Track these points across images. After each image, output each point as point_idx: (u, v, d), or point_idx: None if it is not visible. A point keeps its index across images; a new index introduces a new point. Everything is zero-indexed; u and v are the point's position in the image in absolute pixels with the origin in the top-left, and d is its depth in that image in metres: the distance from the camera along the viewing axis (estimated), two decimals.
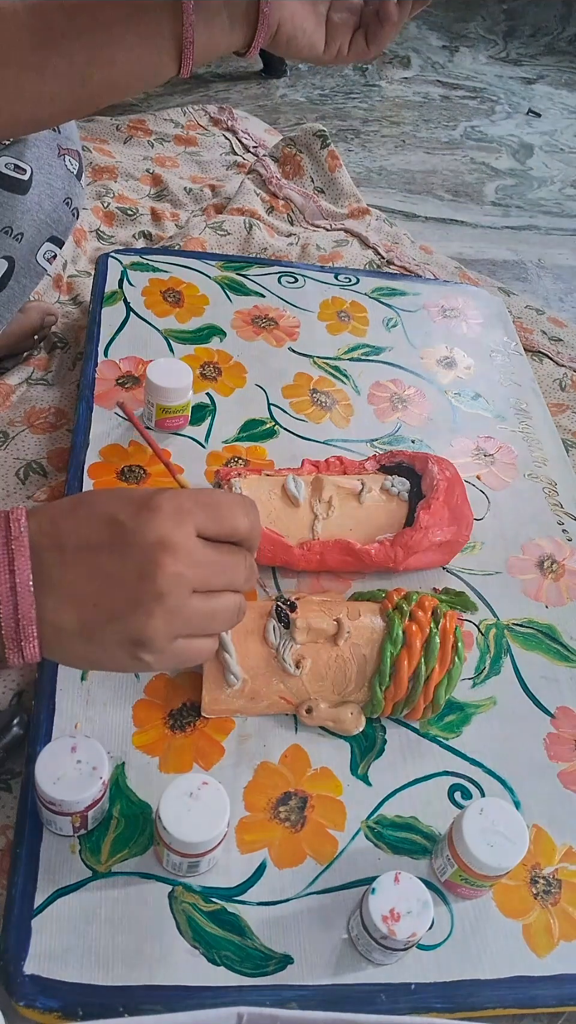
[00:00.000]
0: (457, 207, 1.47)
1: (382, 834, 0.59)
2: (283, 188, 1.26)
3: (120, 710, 0.61)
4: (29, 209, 0.72)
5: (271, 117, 1.60)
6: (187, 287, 0.97)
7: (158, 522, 0.42)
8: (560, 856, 0.60)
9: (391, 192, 1.47)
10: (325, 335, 0.96)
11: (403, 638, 0.61)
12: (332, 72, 1.82)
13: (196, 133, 1.45)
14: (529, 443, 0.90)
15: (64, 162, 0.76)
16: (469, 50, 2.02)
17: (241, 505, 0.47)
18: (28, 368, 0.91)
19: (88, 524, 0.43)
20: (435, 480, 0.72)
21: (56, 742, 0.53)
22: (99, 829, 0.56)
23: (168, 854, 0.52)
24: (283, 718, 0.63)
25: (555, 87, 1.93)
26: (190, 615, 0.44)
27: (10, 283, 0.74)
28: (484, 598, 0.74)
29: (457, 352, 0.99)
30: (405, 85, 1.84)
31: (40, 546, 0.42)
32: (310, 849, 0.57)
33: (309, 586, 0.72)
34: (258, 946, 0.53)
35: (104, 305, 0.92)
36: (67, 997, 0.49)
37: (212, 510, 0.45)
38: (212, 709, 0.61)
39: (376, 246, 1.21)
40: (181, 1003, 0.50)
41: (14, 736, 0.60)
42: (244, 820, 0.58)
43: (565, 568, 0.79)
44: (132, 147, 1.37)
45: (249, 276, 1.01)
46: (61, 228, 0.76)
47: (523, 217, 1.47)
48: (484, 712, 0.67)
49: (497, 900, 0.57)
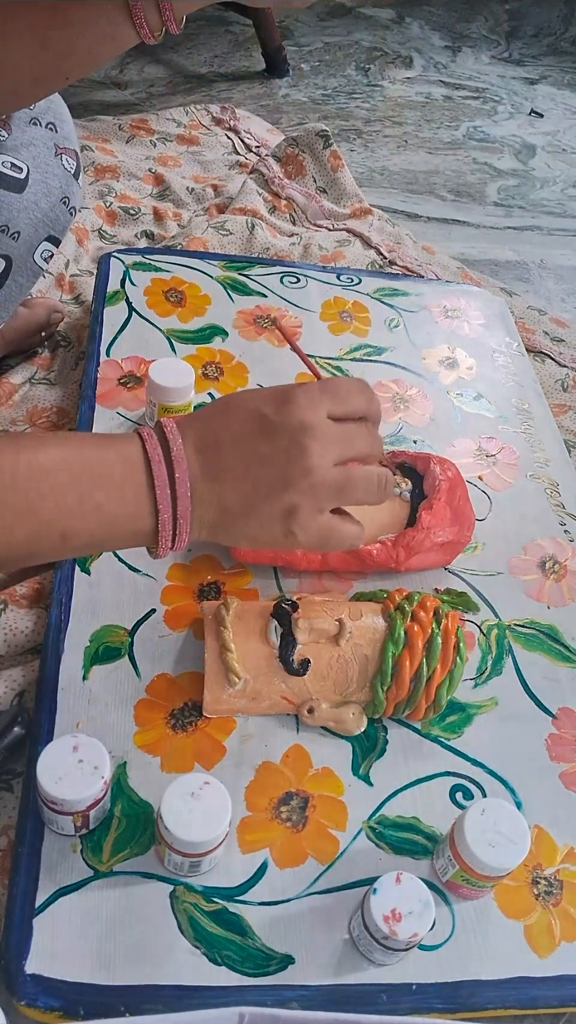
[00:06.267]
0: (459, 207, 1.46)
1: (383, 834, 0.59)
2: (285, 188, 1.26)
3: (122, 709, 0.61)
4: (26, 208, 0.72)
5: (273, 117, 1.60)
6: (189, 287, 0.97)
7: (297, 410, 0.49)
8: (561, 857, 0.60)
9: (393, 192, 1.47)
10: (327, 335, 0.96)
11: (405, 638, 0.61)
12: (334, 72, 1.82)
13: (198, 133, 1.45)
14: (531, 444, 0.90)
15: (61, 161, 0.76)
16: (471, 50, 2.02)
17: (359, 387, 0.53)
18: (31, 367, 0.91)
19: (238, 420, 0.50)
20: (437, 480, 0.72)
21: (58, 741, 0.53)
22: (100, 829, 0.56)
23: (169, 854, 0.52)
24: (284, 718, 0.63)
25: (558, 87, 1.93)
26: (332, 484, 0.50)
27: (7, 282, 0.74)
28: (486, 599, 0.74)
29: (459, 352, 0.99)
30: (407, 85, 1.84)
31: (201, 445, 0.49)
32: (311, 849, 0.57)
33: (311, 586, 0.72)
34: (259, 946, 0.53)
35: (106, 305, 0.92)
36: (68, 996, 0.49)
37: (338, 395, 0.52)
38: (213, 709, 0.61)
39: (378, 246, 1.21)
40: (182, 1003, 0.50)
41: (16, 736, 0.60)
42: (245, 820, 0.58)
43: (567, 569, 0.79)
44: (134, 146, 1.37)
45: (251, 276, 1.01)
46: (58, 227, 0.77)
47: (525, 218, 1.47)
48: (486, 713, 0.67)
49: (498, 901, 0.57)
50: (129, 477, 0.47)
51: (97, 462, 0.47)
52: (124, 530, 0.48)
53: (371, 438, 0.53)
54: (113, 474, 0.47)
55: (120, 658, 0.64)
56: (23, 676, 0.64)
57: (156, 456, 0.48)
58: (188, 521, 0.49)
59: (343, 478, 0.51)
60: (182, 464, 0.48)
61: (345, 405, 0.52)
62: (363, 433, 0.53)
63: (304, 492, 0.49)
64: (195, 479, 0.48)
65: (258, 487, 0.49)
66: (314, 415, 0.50)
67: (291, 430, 0.49)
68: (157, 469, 0.47)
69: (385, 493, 0.54)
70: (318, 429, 0.49)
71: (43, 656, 0.64)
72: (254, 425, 0.50)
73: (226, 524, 0.50)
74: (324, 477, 0.49)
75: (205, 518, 0.50)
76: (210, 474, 0.49)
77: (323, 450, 0.49)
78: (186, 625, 0.67)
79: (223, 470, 0.49)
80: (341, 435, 0.51)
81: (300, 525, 0.50)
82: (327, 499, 0.51)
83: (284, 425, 0.49)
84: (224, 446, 0.49)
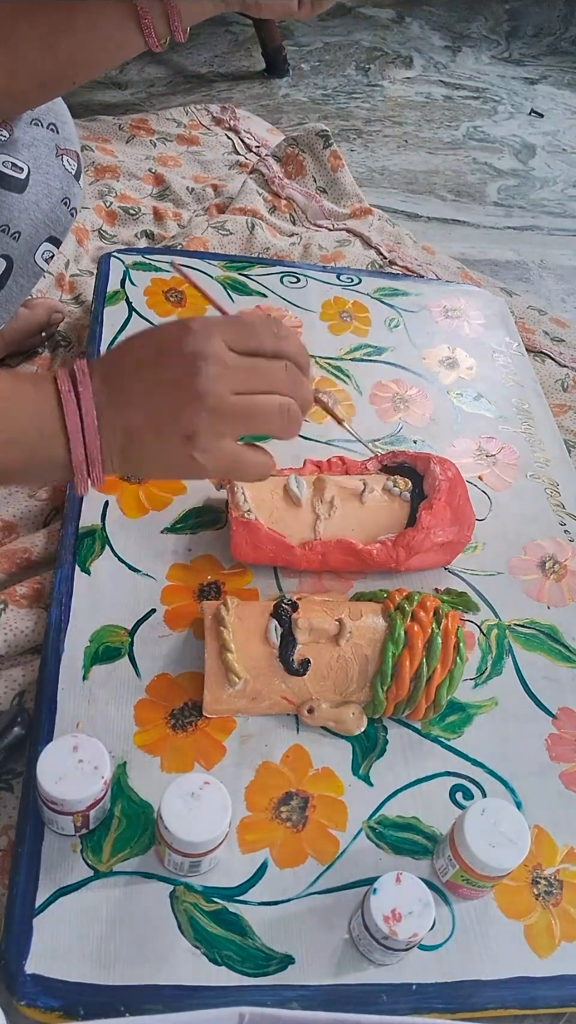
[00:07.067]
0: (459, 207, 1.46)
1: (383, 834, 0.59)
2: (285, 188, 1.26)
3: (122, 709, 0.62)
4: (26, 208, 0.72)
5: (273, 117, 1.60)
6: (189, 287, 0.97)
7: (192, 337, 0.50)
8: (561, 857, 0.60)
9: (393, 192, 1.47)
10: (327, 335, 0.96)
11: (405, 638, 0.61)
12: (334, 72, 1.82)
13: (198, 133, 1.45)
14: (531, 444, 0.90)
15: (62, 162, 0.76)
16: (471, 50, 2.02)
17: (264, 322, 0.53)
18: (31, 367, 0.91)
19: (141, 350, 0.52)
20: (437, 480, 0.72)
21: (58, 741, 0.53)
22: (100, 829, 0.56)
23: (169, 854, 0.52)
24: (284, 718, 0.63)
25: (558, 87, 1.93)
26: (229, 410, 0.51)
27: (8, 282, 0.74)
28: (486, 598, 0.74)
29: (459, 352, 0.99)
30: (407, 85, 1.84)
31: (105, 375, 0.51)
32: (311, 849, 0.57)
33: (311, 586, 0.72)
34: (259, 946, 0.53)
35: (106, 305, 0.92)
36: (68, 996, 0.49)
37: (237, 327, 0.52)
38: (213, 709, 0.61)
39: (378, 246, 1.21)
40: (182, 1003, 0.50)
41: (16, 736, 0.60)
42: (245, 820, 0.58)
43: (567, 569, 0.79)
44: (134, 146, 1.37)
45: (251, 276, 1.01)
46: (59, 228, 0.77)
47: (525, 217, 1.47)
48: (486, 713, 0.67)
49: (498, 901, 0.57)
50: (39, 411, 0.50)
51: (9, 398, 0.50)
52: (40, 460, 0.51)
53: (282, 374, 0.53)
54: (24, 409, 0.50)
55: (120, 658, 0.64)
56: (23, 676, 0.64)
57: (65, 388, 0.50)
58: (98, 448, 0.50)
59: (244, 405, 0.51)
60: (87, 392, 0.50)
61: (246, 338, 0.52)
62: (271, 368, 0.53)
63: (201, 416, 0.50)
64: (101, 406, 0.50)
65: (159, 411, 0.50)
66: (209, 342, 0.50)
67: (186, 356, 0.50)
68: (66, 399, 0.49)
69: (291, 423, 0.54)
70: (213, 355, 0.50)
71: (43, 656, 0.64)
72: (154, 353, 0.51)
73: (134, 449, 0.52)
74: (221, 403, 0.50)
75: (114, 444, 0.51)
76: (115, 402, 0.51)
77: (218, 376, 0.50)
78: (186, 625, 0.67)
79: (126, 397, 0.51)
80: (242, 365, 0.51)
81: (200, 449, 0.51)
82: (228, 425, 0.51)
83: (180, 352, 0.50)
84: (127, 374, 0.51)
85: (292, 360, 0.54)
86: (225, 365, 0.50)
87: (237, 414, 0.51)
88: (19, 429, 0.49)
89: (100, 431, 0.50)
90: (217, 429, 0.51)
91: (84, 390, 0.50)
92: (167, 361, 0.51)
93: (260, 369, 0.52)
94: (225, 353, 0.51)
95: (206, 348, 0.50)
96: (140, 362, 0.51)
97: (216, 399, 0.50)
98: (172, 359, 0.51)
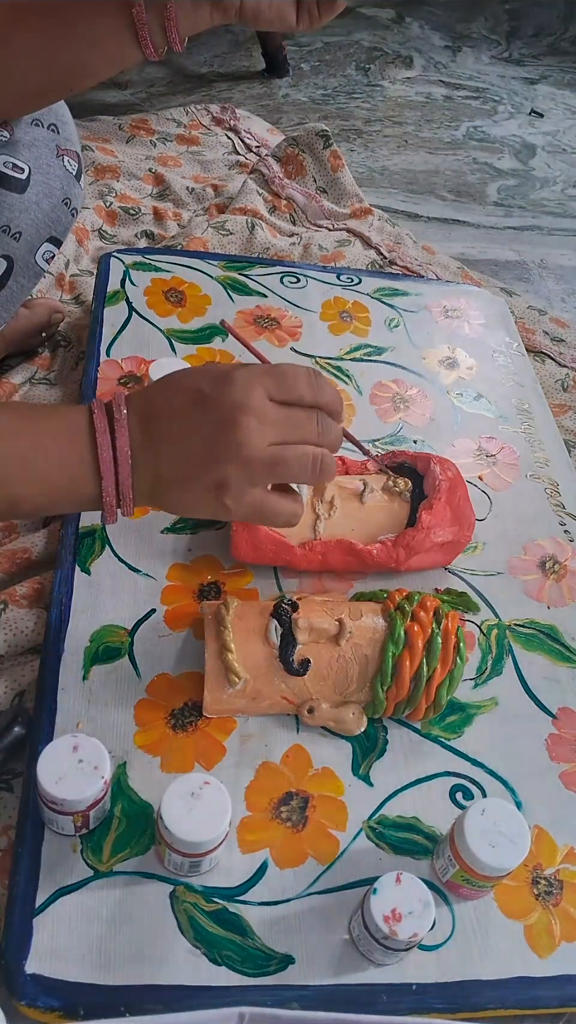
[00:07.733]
0: (459, 207, 1.46)
1: (383, 834, 0.59)
2: (285, 188, 1.26)
3: (122, 709, 0.61)
4: (27, 208, 0.73)
5: (273, 117, 1.60)
6: (189, 287, 0.97)
7: (234, 389, 0.51)
8: (561, 857, 0.60)
9: (393, 192, 1.47)
10: (327, 335, 0.96)
11: (405, 638, 0.61)
12: (334, 72, 1.82)
13: (198, 133, 1.45)
14: (531, 444, 0.90)
15: (63, 162, 0.76)
16: (472, 50, 2.02)
17: (305, 374, 0.54)
18: (32, 367, 0.91)
19: (177, 395, 0.52)
20: (437, 480, 0.72)
21: (58, 741, 0.53)
22: (100, 829, 0.56)
23: (169, 854, 0.52)
24: (284, 718, 0.63)
25: (558, 87, 1.93)
26: (262, 460, 0.51)
27: (9, 283, 0.74)
28: (486, 598, 0.74)
29: (459, 352, 0.99)
30: (408, 85, 1.84)
31: (142, 416, 0.51)
32: (311, 849, 0.57)
33: (311, 586, 0.72)
34: (259, 946, 0.53)
35: (106, 304, 0.92)
36: (68, 996, 0.49)
37: (280, 379, 0.53)
38: (214, 709, 0.61)
39: (378, 246, 1.21)
40: (182, 1003, 0.50)
41: (16, 736, 0.60)
42: (245, 820, 0.58)
43: (567, 569, 0.79)
44: (134, 146, 1.37)
45: (251, 276, 1.01)
46: (60, 228, 0.77)
47: (525, 217, 1.47)
48: (486, 713, 0.67)
49: (498, 901, 0.57)
50: (73, 446, 0.50)
51: (44, 432, 0.50)
52: (69, 496, 0.52)
53: (317, 425, 0.54)
54: (59, 443, 0.50)
55: (120, 658, 0.64)
56: (23, 676, 0.64)
57: (101, 426, 0.50)
58: (130, 487, 0.51)
59: (277, 456, 0.52)
60: (124, 433, 0.50)
61: (287, 390, 0.53)
62: (307, 419, 0.53)
63: (234, 466, 0.51)
64: (135, 449, 0.51)
65: (190, 459, 0.51)
66: (251, 394, 0.51)
67: (226, 406, 0.50)
68: (101, 438, 0.50)
69: (321, 473, 0.54)
70: (253, 407, 0.51)
71: (43, 656, 0.64)
72: (193, 400, 0.51)
73: (162, 492, 0.53)
74: (255, 453, 0.51)
75: (144, 485, 0.52)
76: (151, 446, 0.51)
77: (257, 428, 0.51)
78: (186, 625, 0.67)
79: (160, 441, 0.51)
80: (281, 417, 0.52)
81: (232, 498, 0.52)
82: (259, 475, 0.52)
83: (220, 401, 0.51)
84: (163, 418, 0.51)
85: (326, 410, 0.54)
86: (264, 418, 0.51)
87: (269, 464, 0.52)
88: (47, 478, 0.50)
89: (133, 472, 0.51)
90: (250, 479, 0.52)
91: (120, 431, 0.50)
92: (207, 409, 0.51)
93: (296, 420, 0.53)
94: (265, 405, 0.51)
95: (248, 401, 0.51)
96: (180, 409, 0.52)
97: (251, 450, 0.51)
98: (212, 409, 0.51)
